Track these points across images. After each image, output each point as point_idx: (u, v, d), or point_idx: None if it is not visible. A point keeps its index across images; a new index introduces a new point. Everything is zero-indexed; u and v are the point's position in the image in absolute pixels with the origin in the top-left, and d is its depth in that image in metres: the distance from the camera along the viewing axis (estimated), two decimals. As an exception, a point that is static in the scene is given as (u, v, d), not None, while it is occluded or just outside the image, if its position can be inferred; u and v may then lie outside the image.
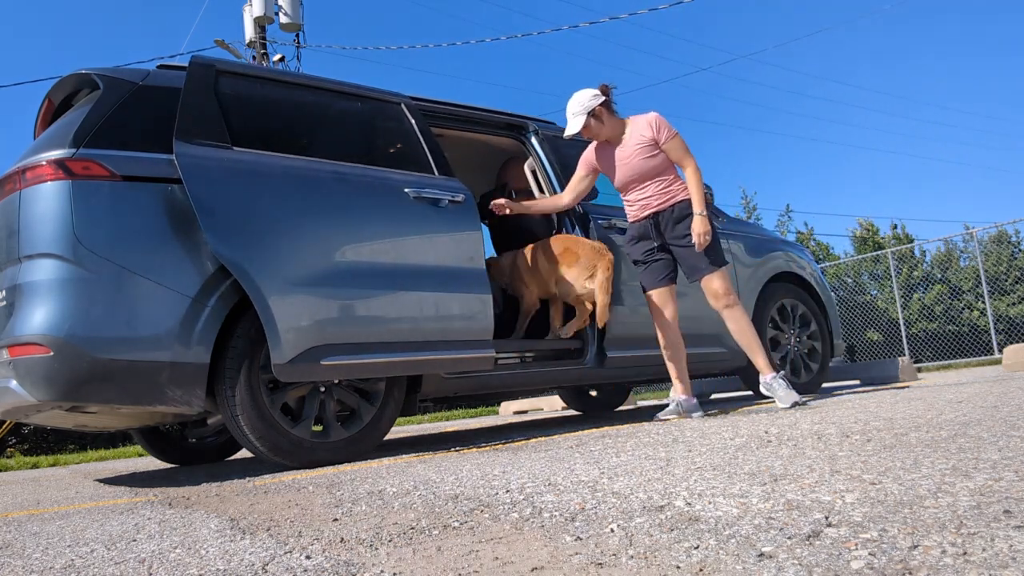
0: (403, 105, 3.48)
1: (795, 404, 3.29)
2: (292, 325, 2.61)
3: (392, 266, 2.95)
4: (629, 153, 3.42)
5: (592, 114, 3.40)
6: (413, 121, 3.43)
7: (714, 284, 3.39)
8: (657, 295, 3.49)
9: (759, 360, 3.42)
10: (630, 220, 3.57)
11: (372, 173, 3.09)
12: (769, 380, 3.39)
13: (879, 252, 15.09)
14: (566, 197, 3.65)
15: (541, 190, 4.03)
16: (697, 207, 3.34)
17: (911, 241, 19.53)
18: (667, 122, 3.42)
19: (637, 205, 3.49)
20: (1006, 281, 13.67)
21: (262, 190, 2.73)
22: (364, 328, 2.81)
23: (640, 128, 3.42)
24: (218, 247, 2.54)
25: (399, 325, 2.91)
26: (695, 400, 3.51)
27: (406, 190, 3.08)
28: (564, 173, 3.91)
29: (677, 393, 3.50)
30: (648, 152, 3.40)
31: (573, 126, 3.42)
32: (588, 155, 3.60)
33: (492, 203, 3.67)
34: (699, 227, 3.31)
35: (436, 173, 3.29)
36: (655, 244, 3.47)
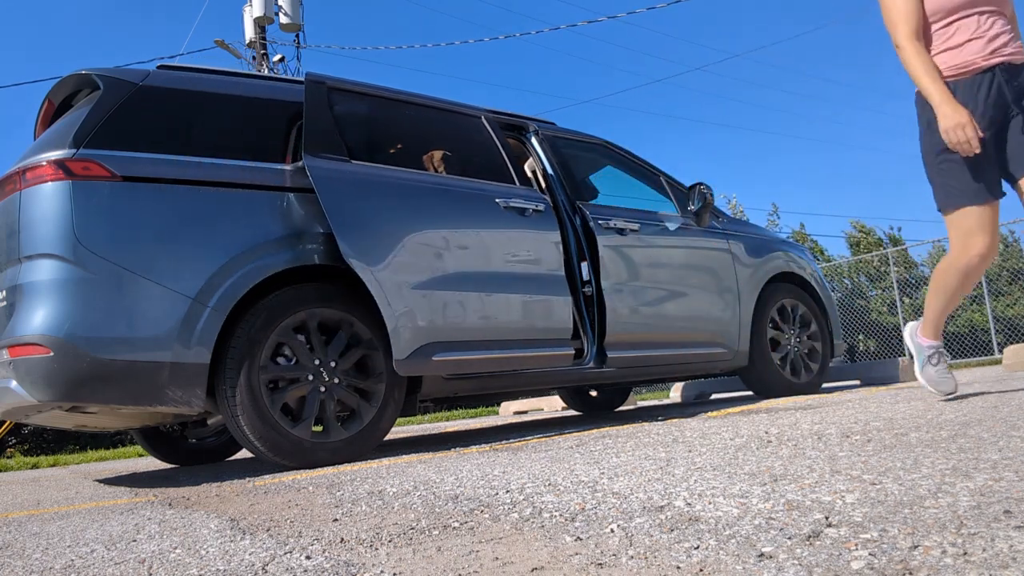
0: (483, 118, 3.69)
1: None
2: (409, 324, 2.87)
3: (489, 270, 3.22)
4: None
5: None
6: (493, 133, 3.65)
7: None
8: (990, 213, 2.42)
9: None
10: (954, 73, 2.47)
11: (468, 184, 3.35)
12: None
13: (876, 253, 15.08)
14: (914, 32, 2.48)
15: (541, 190, 4.04)
16: None
17: (900, 244, 19.53)
18: None
19: (974, 44, 2.41)
20: (998, 282, 13.65)
21: (379, 200, 2.96)
22: (467, 327, 3.09)
23: None
24: (349, 253, 2.76)
25: (495, 324, 3.19)
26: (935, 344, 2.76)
27: (496, 200, 3.34)
28: (564, 173, 3.91)
29: (923, 338, 2.74)
30: None
31: None
32: None
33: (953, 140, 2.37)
34: None
35: (517, 183, 3.53)
36: (1005, 112, 2.40)
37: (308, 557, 1.21)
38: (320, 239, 2.89)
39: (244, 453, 4.33)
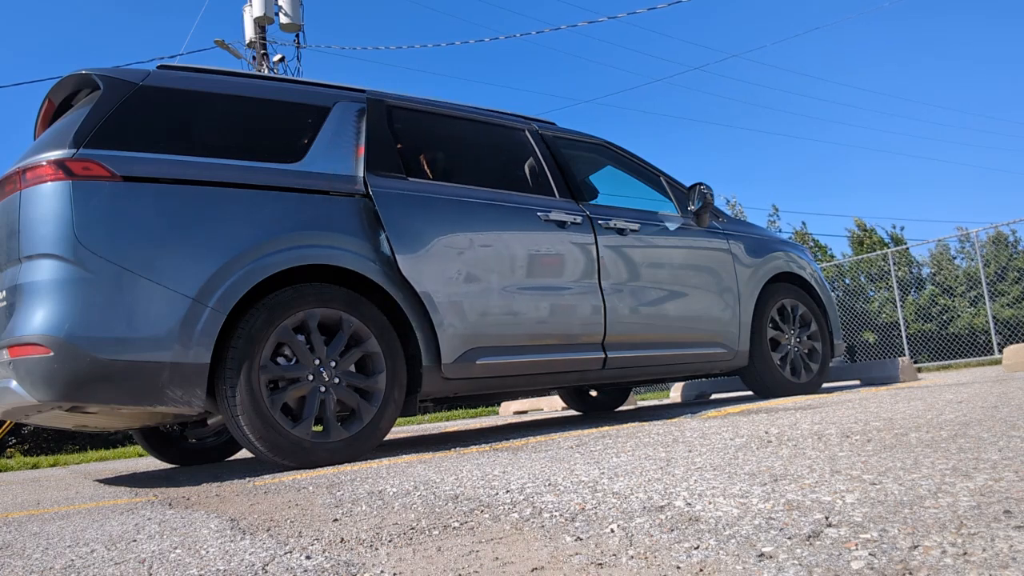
0: (526, 131, 3.83)
1: None
2: (455, 332, 3.07)
3: (529, 280, 3.38)
4: None
5: None
6: (535, 146, 3.79)
7: None
8: None
9: None
10: None
11: (512, 198, 3.51)
12: None
13: (878, 253, 15.08)
14: None
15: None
16: None
17: (903, 243, 19.55)
18: None
19: None
20: (1002, 283, 13.63)
21: (433, 216, 3.14)
22: (507, 333, 3.26)
23: None
24: (405, 267, 2.96)
25: (534, 331, 3.36)
26: None
27: (538, 213, 3.50)
28: (564, 173, 3.91)
29: None
30: None
31: None
32: None
33: None
34: None
35: (557, 196, 3.69)
36: None
37: (308, 557, 1.21)
38: (320, 239, 2.89)
39: (244, 453, 4.33)
